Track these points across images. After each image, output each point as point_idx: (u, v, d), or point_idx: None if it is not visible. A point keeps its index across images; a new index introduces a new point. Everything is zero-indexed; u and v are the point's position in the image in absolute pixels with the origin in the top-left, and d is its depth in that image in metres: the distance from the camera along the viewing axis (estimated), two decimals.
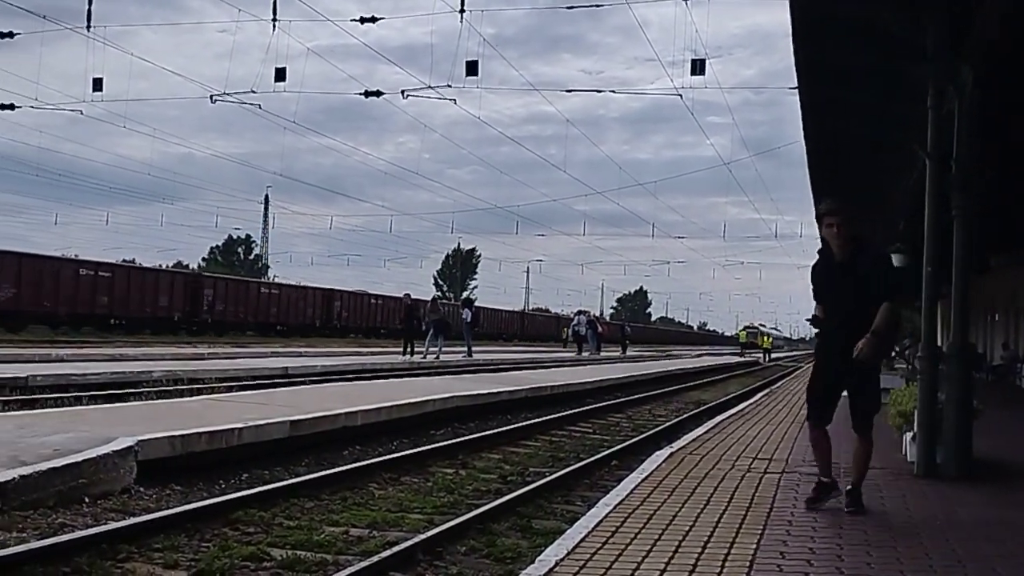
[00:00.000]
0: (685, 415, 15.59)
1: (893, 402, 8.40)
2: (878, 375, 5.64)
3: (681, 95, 22.08)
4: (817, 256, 5.70)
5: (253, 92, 24.16)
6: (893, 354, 22.71)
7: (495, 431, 11.46)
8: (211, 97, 25.24)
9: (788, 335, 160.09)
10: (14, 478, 5.69)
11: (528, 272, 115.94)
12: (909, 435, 7.54)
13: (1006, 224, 16.27)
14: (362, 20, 22.03)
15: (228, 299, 43.15)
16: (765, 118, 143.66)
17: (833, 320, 5.60)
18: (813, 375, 5.84)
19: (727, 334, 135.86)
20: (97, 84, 25.37)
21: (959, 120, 6.87)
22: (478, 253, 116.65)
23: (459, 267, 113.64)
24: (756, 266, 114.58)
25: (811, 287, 5.74)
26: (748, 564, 4.36)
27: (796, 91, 11.25)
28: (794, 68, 9.77)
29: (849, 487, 5.63)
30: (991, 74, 6.90)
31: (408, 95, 23.91)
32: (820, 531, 5.09)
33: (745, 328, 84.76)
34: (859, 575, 4.20)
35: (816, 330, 5.90)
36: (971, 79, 6.67)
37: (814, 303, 5.82)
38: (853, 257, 5.48)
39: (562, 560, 4.40)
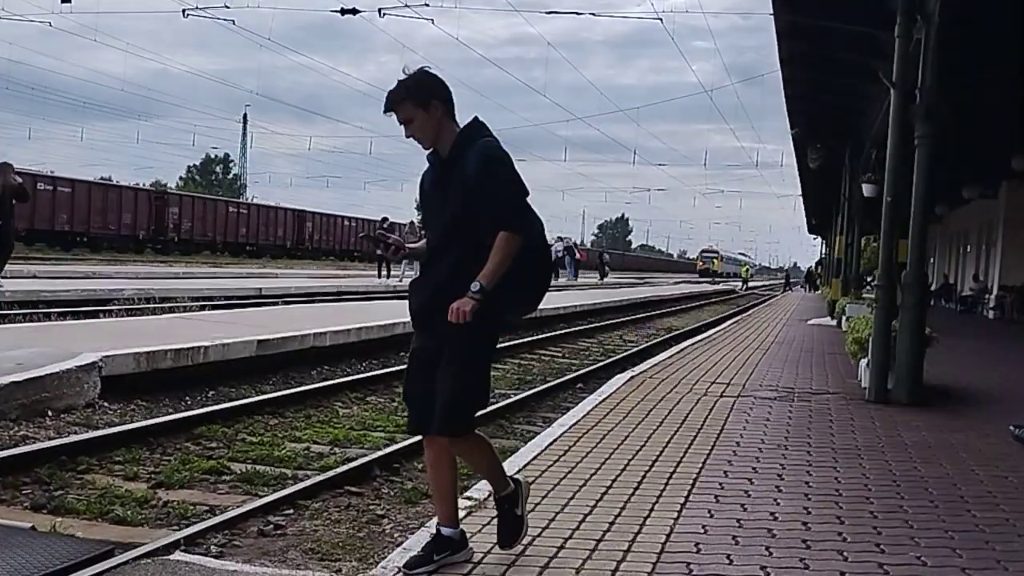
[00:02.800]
0: (655, 340, 15.80)
1: (851, 329, 8.56)
2: (478, 341, 3.32)
3: (661, 19, 21.75)
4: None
5: (226, 7, 23.58)
6: (867, 283, 22.93)
7: None
8: (183, 11, 24.57)
9: (767, 264, 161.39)
10: None
11: None
12: (864, 362, 7.71)
13: (978, 157, 16.33)
14: None
15: (324, 231, 51.66)
16: (753, 44, 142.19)
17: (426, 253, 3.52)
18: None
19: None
20: None
21: (925, 50, 6.86)
22: None
23: None
24: (736, 195, 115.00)
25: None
26: (692, 481, 4.51)
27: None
28: None
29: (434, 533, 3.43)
30: (958, 4, 6.86)
31: (385, 13, 23.40)
32: (765, 452, 5.25)
33: (702, 252, 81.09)
34: (797, 493, 4.35)
35: None
36: (937, 8, 6.64)
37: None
38: (455, 156, 3.37)
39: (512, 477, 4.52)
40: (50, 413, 6.25)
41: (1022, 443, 5.58)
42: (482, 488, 4.27)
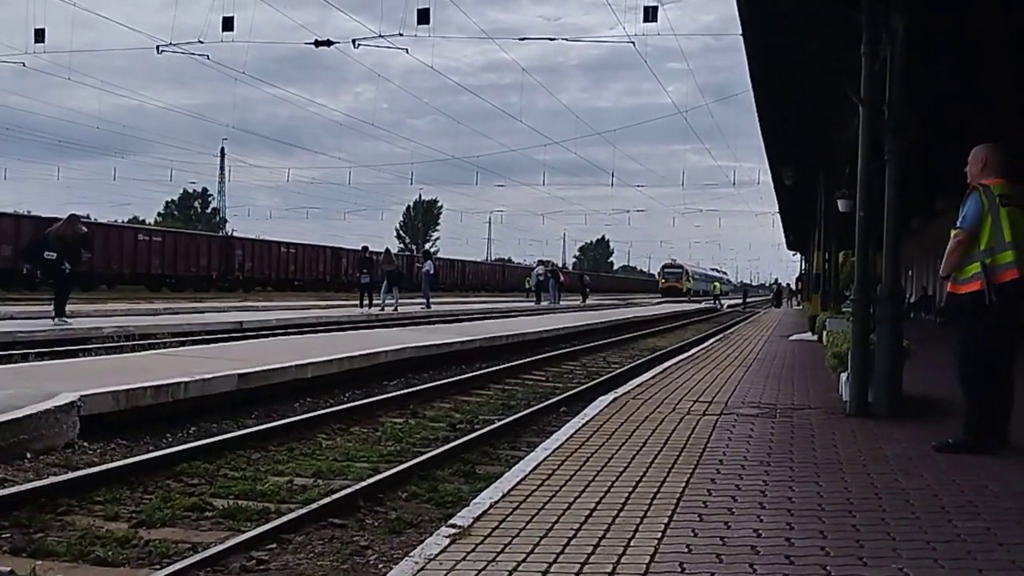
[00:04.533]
0: (638, 361, 15.82)
1: (830, 344, 8.61)
2: None
3: (634, 42, 21.98)
4: None
5: (200, 42, 23.67)
6: (847, 297, 23.10)
7: (447, 381, 11.57)
8: (157, 48, 24.64)
9: (748, 281, 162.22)
10: None
11: (490, 223, 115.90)
12: (844, 376, 7.76)
13: (950, 168, 16.53)
14: None
15: (353, 265, 54.88)
16: (726, 64, 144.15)
17: None
18: None
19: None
20: (39, 35, 24.74)
21: (891, 66, 6.97)
22: (439, 204, 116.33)
23: (421, 219, 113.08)
24: (715, 213, 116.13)
25: None
26: (675, 501, 4.51)
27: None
28: (737, 14, 9.80)
29: None
30: (922, 20, 6.98)
31: (360, 44, 23.55)
32: (748, 469, 5.26)
33: (664, 267, 78.21)
34: (780, 508, 4.36)
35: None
36: (902, 25, 6.75)
37: None
38: None
39: (497, 503, 4.51)
40: (29, 455, 6.18)
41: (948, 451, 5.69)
42: (466, 516, 4.25)
